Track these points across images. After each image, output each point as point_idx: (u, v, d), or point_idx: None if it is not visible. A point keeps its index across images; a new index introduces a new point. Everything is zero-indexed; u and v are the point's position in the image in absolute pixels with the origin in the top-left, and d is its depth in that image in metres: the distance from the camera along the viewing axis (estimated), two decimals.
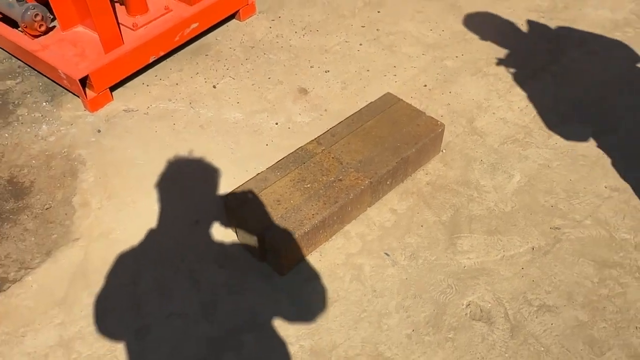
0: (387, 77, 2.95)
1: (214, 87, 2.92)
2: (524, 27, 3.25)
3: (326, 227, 2.11)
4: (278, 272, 2.07)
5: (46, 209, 2.37)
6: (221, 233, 2.23)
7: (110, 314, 1.97)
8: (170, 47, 3.01)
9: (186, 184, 2.42)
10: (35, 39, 2.93)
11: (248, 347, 1.88)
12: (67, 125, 2.74)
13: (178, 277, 2.09)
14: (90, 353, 1.87)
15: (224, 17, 3.24)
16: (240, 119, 2.73)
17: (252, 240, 2.05)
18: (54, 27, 3.01)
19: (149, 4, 3.12)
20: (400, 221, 2.25)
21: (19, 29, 2.95)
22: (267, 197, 2.09)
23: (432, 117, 2.43)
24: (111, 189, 2.42)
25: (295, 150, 2.30)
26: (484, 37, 3.19)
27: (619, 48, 3.07)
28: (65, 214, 2.34)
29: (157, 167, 2.50)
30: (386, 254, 2.14)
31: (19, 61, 3.13)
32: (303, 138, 2.61)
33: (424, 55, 3.08)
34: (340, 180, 2.17)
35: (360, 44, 3.18)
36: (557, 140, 2.57)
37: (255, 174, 2.36)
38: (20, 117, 2.80)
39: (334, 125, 2.59)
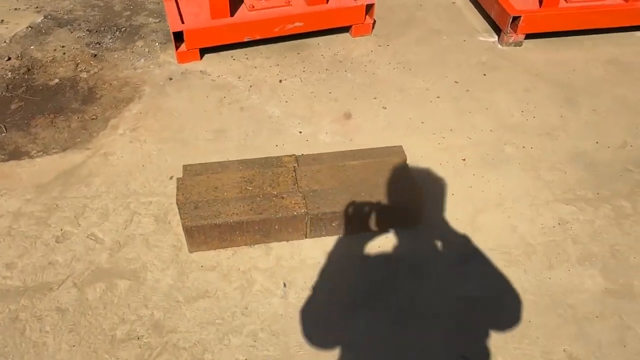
0: (435, 136, 2.79)
1: (280, 81, 3.11)
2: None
3: (244, 231, 2.16)
4: (188, 247, 2.20)
5: (92, 119, 2.86)
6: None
7: (57, 213, 2.35)
8: (267, 35, 3.27)
9: (190, 146, 2.68)
10: None
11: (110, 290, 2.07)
12: (157, 66, 3.22)
13: (119, 210, 2.36)
14: (25, 230, 2.27)
15: (332, 27, 3.39)
16: (275, 116, 2.88)
17: (177, 209, 2.22)
18: None
19: None
20: (324, 266, 2.18)
21: None
22: (210, 181, 2.23)
23: (419, 189, 2.25)
24: (140, 124, 2.80)
25: (271, 156, 2.38)
26: (574, 144, 2.76)
27: None
28: (99, 128, 2.80)
29: (184, 125, 2.80)
30: (284, 284, 2.11)
31: None
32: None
33: (491, 132, 2.81)
34: (282, 198, 2.19)
35: (438, 97, 3.04)
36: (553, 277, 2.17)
37: None
38: (135, 48, 3.38)
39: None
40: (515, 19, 3.32)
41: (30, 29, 3.51)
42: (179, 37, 3.15)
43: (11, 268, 2.14)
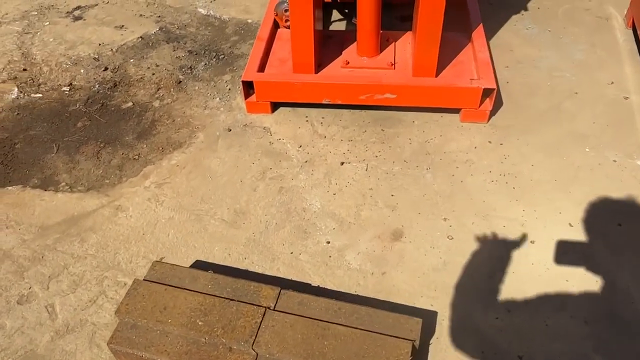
0: (496, 306, 2.01)
1: (342, 163, 2.57)
2: None
3: None
4: None
5: (134, 158, 2.68)
6: None
7: (38, 266, 2.20)
8: (350, 102, 2.73)
9: (201, 224, 2.33)
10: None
11: None
12: (226, 110, 2.91)
13: (91, 284, 2.13)
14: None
15: (431, 106, 2.70)
16: (311, 211, 2.36)
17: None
18: None
19: (389, 52, 2.86)
20: None
21: None
22: (164, 297, 1.84)
23: None
24: (169, 180, 2.53)
25: (252, 282, 1.90)
26: None
27: None
28: (132, 172, 2.60)
29: (210, 194, 2.46)
30: None
31: None
32: (324, 281, 2.11)
33: (585, 325, 1.93)
34: (230, 350, 1.72)
35: (532, 242, 2.20)
36: None
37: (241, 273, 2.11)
38: (219, 82, 3.11)
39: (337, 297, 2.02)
40: None
41: (140, 39, 3.48)
42: (250, 84, 2.79)
43: None
